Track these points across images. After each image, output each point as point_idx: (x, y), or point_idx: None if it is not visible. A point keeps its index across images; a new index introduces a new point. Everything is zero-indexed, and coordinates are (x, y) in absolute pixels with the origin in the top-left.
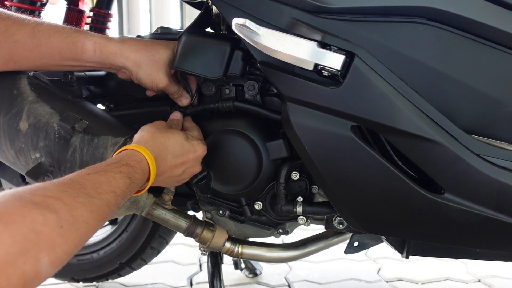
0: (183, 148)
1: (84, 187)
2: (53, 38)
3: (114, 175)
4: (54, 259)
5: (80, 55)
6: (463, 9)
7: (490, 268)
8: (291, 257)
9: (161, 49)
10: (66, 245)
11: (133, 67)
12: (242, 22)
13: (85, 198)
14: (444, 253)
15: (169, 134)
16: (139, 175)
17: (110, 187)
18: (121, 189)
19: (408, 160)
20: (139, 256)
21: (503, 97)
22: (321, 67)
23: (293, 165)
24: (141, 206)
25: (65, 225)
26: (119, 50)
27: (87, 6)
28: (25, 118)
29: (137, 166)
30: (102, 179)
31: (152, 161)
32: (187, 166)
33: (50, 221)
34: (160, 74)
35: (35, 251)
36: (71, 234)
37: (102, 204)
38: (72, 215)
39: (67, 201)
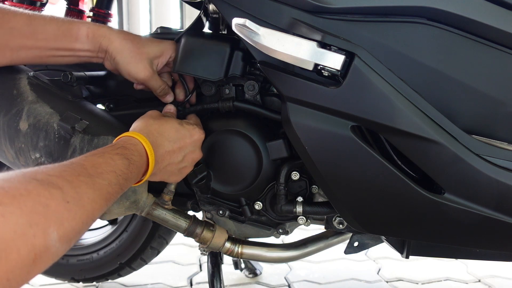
0: (179, 133)
1: (85, 167)
2: (49, 26)
3: (112, 156)
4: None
5: (75, 41)
6: (463, 9)
7: (490, 268)
8: (291, 257)
9: (148, 44)
10: (73, 221)
11: (114, 51)
12: (242, 22)
13: (86, 177)
14: (444, 253)
15: (162, 121)
16: (137, 157)
17: (109, 167)
18: (121, 169)
19: (408, 160)
20: (139, 256)
21: (503, 97)
22: (321, 67)
23: (293, 165)
24: (141, 206)
25: (71, 200)
26: (108, 33)
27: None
28: (25, 118)
29: (133, 148)
30: (100, 160)
31: (148, 145)
32: (186, 152)
33: (56, 195)
34: (140, 64)
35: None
36: (78, 210)
37: (104, 183)
38: (76, 192)
39: (69, 179)
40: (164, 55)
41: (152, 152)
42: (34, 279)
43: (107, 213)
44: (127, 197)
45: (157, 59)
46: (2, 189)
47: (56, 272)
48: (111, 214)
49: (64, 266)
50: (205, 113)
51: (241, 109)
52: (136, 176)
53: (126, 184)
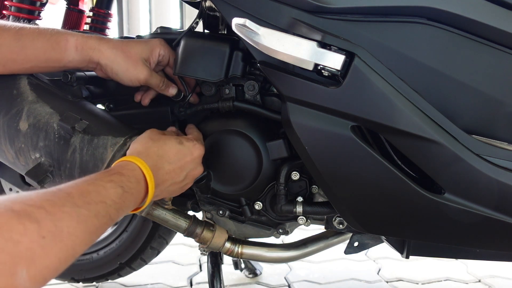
0: (179, 153)
1: (71, 196)
2: (37, 40)
3: (104, 184)
4: (34, 274)
5: (63, 53)
6: (463, 9)
7: (490, 268)
8: (291, 257)
9: (136, 45)
10: (47, 259)
11: (108, 62)
12: (242, 22)
13: (71, 208)
14: (444, 253)
15: (161, 142)
16: (133, 184)
17: (99, 196)
18: (112, 199)
19: (408, 160)
20: (139, 256)
21: (503, 97)
22: (321, 67)
23: (293, 165)
24: None
25: (47, 235)
26: (97, 46)
27: (87, 6)
28: (25, 118)
29: (130, 174)
30: (90, 188)
31: (147, 170)
32: (188, 170)
33: (31, 231)
34: (137, 67)
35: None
36: (55, 246)
37: (90, 214)
38: (55, 225)
39: (50, 210)
40: (153, 53)
41: (151, 176)
42: None
43: None
44: None
45: (148, 58)
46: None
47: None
48: None
49: None
50: (205, 113)
51: (241, 109)
52: (132, 204)
53: (118, 215)
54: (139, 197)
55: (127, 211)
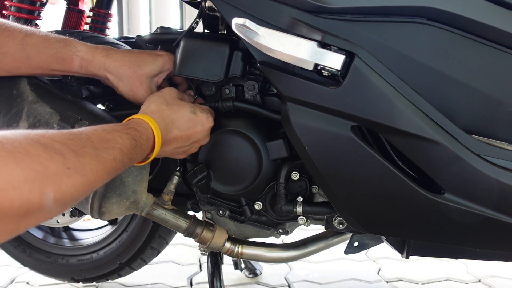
0: (190, 122)
1: (91, 140)
2: (42, 53)
3: (121, 135)
4: (60, 197)
5: (69, 69)
6: (463, 9)
7: (490, 268)
8: (291, 257)
9: (145, 64)
10: (73, 187)
11: (115, 81)
12: (242, 22)
13: (91, 149)
14: (444, 253)
15: (175, 107)
16: (144, 141)
17: (117, 144)
18: (128, 148)
19: (408, 160)
20: (139, 256)
21: (503, 97)
22: (321, 67)
23: (293, 165)
24: (141, 206)
25: (72, 167)
26: (103, 65)
27: (87, 6)
28: (25, 118)
29: (143, 131)
30: (109, 137)
31: (158, 131)
32: (195, 139)
33: (57, 160)
34: (140, 89)
35: (41, 182)
36: (79, 178)
37: (109, 157)
38: (79, 161)
39: (74, 148)
40: (162, 71)
41: (160, 138)
42: (34, 279)
43: (107, 213)
44: (127, 197)
45: (156, 76)
46: (0, 143)
47: (56, 272)
48: (111, 214)
49: (64, 266)
50: None
51: (241, 109)
52: (139, 157)
53: (130, 163)
54: (146, 152)
55: (135, 161)
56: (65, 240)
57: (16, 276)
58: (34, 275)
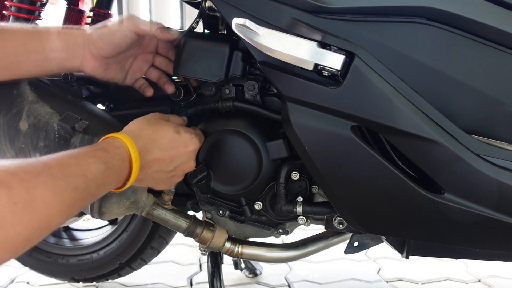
0: (173, 142)
1: (49, 167)
2: (18, 33)
3: (87, 159)
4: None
5: (44, 42)
6: (463, 9)
7: (490, 268)
8: (291, 257)
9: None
10: (19, 226)
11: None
12: (242, 22)
13: (47, 177)
14: (444, 253)
15: (157, 127)
16: (117, 162)
17: (79, 170)
18: (93, 174)
19: (408, 160)
20: (139, 256)
21: (503, 97)
22: (321, 67)
23: (293, 165)
24: (141, 206)
25: (19, 202)
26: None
27: (87, 6)
28: (25, 118)
29: (115, 151)
30: (71, 161)
31: (134, 149)
32: (178, 162)
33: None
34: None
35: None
36: (27, 214)
37: (68, 186)
38: (29, 193)
39: (24, 178)
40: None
41: (137, 157)
42: (35, 279)
43: (107, 213)
44: (127, 197)
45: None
46: None
47: (56, 272)
48: (111, 214)
49: (64, 266)
50: (205, 113)
51: (241, 109)
52: (115, 182)
53: (99, 191)
54: (122, 176)
55: (108, 188)
56: (65, 240)
57: (16, 276)
58: (34, 275)
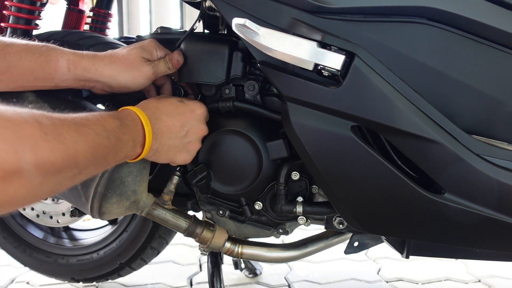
0: (178, 109)
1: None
2: (25, 59)
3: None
4: (39, 162)
5: (54, 74)
6: (463, 9)
7: (490, 268)
8: (291, 257)
9: (131, 51)
10: (51, 153)
11: (111, 80)
12: (242, 22)
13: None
14: (444, 253)
15: (161, 98)
16: (130, 122)
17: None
18: (111, 126)
19: (408, 160)
20: (139, 256)
21: (503, 97)
22: (321, 67)
23: (293, 165)
24: (141, 206)
25: (49, 134)
26: (92, 65)
27: (87, 6)
28: None
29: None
30: (90, 116)
31: (144, 116)
32: (189, 126)
33: (33, 124)
34: (141, 68)
35: (14, 141)
36: (57, 144)
37: (90, 131)
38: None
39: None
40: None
41: (148, 123)
42: (35, 279)
43: (107, 213)
44: (127, 197)
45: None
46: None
47: (56, 272)
48: (111, 214)
49: (64, 266)
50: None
51: (241, 109)
52: (131, 144)
53: (120, 145)
54: (138, 139)
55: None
56: (65, 240)
57: (16, 276)
58: (34, 275)
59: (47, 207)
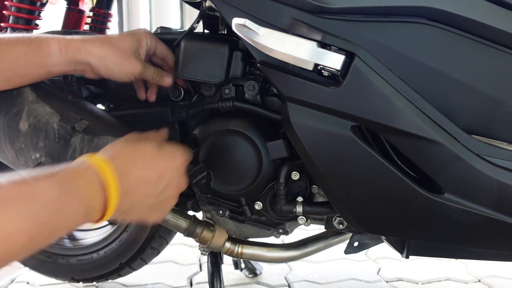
0: (156, 159)
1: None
2: (16, 46)
3: (40, 181)
4: None
5: (46, 58)
6: (463, 9)
7: (490, 268)
8: (291, 257)
9: (123, 39)
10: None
11: (99, 61)
12: (242, 22)
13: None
14: (444, 253)
15: (137, 145)
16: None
17: (29, 193)
18: (45, 196)
19: (408, 160)
20: (139, 256)
21: (503, 97)
22: (321, 67)
23: (293, 165)
24: None
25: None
26: (83, 46)
27: (87, 6)
28: (25, 118)
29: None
30: (23, 187)
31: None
32: (167, 180)
33: None
34: (131, 61)
35: None
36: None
37: (19, 209)
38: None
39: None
40: (141, 43)
41: (114, 179)
42: (34, 279)
43: None
44: None
45: (138, 49)
46: None
47: (56, 272)
48: None
49: (64, 266)
50: (205, 113)
51: (241, 109)
52: (83, 212)
53: (59, 221)
54: (94, 204)
55: (75, 219)
56: (65, 240)
57: (16, 276)
58: (34, 275)
59: None
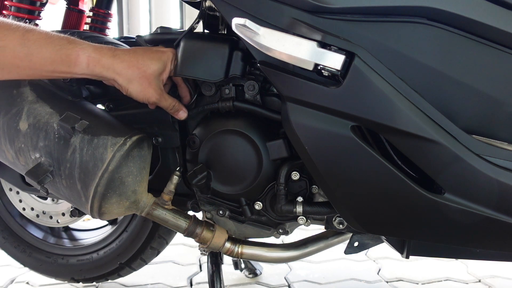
0: None
1: None
2: (45, 49)
3: None
4: None
5: (73, 67)
6: (463, 9)
7: (490, 268)
8: (291, 257)
9: (152, 63)
10: None
11: (124, 83)
12: (242, 22)
13: None
14: (444, 253)
15: None
16: None
17: None
18: None
19: (408, 160)
20: (139, 256)
21: (503, 97)
22: (321, 67)
23: (293, 165)
24: (141, 206)
25: None
26: (111, 64)
27: (87, 6)
28: (24, 118)
29: None
30: None
31: None
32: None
33: None
34: (151, 89)
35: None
36: None
37: None
38: None
39: None
40: (166, 69)
41: None
42: (34, 279)
43: (107, 213)
44: (127, 197)
45: (162, 74)
46: None
47: (56, 272)
48: (111, 214)
49: (64, 266)
50: (205, 113)
51: (241, 109)
52: None
53: None
54: None
55: None
56: (65, 240)
57: (16, 276)
58: (34, 275)
59: (47, 207)
